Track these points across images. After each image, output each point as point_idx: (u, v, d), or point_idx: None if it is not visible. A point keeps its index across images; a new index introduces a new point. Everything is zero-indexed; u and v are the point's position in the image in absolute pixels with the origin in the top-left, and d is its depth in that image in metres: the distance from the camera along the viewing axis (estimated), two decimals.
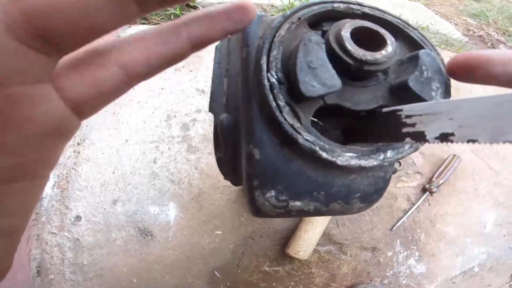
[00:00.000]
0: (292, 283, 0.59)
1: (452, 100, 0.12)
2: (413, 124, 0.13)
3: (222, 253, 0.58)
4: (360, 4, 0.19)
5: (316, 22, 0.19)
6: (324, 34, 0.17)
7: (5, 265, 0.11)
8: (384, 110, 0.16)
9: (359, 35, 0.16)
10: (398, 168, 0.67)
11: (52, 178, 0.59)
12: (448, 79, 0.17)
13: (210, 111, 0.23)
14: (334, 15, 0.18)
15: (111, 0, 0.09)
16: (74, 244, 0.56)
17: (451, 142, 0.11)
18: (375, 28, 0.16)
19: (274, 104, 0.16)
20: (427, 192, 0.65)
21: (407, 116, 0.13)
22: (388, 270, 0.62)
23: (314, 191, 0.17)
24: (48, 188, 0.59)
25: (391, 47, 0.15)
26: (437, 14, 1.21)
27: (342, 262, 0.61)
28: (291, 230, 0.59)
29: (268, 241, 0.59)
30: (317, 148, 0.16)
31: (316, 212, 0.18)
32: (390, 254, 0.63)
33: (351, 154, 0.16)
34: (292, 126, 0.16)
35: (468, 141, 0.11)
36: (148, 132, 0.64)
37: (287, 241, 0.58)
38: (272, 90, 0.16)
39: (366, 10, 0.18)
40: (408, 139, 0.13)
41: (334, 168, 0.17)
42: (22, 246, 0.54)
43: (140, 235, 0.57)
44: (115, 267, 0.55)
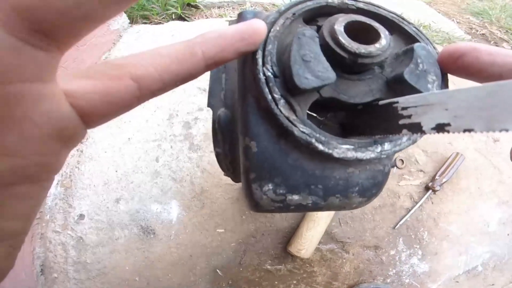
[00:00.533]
0: (294, 282, 0.59)
1: (446, 91, 0.12)
2: (409, 116, 0.13)
3: (224, 251, 0.58)
4: None
5: (310, 18, 0.19)
6: (319, 29, 0.17)
7: (6, 266, 0.11)
8: (381, 102, 0.16)
9: (353, 29, 0.16)
10: (401, 166, 0.67)
11: (55, 177, 0.60)
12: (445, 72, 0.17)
13: (208, 106, 0.23)
14: (329, 11, 0.18)
15: None
16: (78, 243, 0.56)
17: (448, 132, 0.11)
18: (368, 22, 0.16)
19: (269, 97, 0.16)
20: (430, 191, 0.65)
21: (403, 108, 0.13)
22: (390, 269, 0.62)
23: (311, 185, 0.17)
24: (52, 186, 0.60)
25: (385, 40, 0.15)
26: (439, 13, 1.20)
27: (344, 260, 0.61)
28: (293, 229, 0.59)
29: (270, 239, 0.59)
30: (313, 140, 0.16)
31: (314, 206, 0.18)
32: (393, 252, 0.62)
33: (347, 146, 0.16)
34: (287, 118, 0.16)
35: (464, 130, 0.11)
36: (150, 130, 0.64)
37: (289, 239, 0.58)
38: (267, 83, 0.16)
39: (361, 5, 0.19)
40: (405, 130, 0.13)
41: (331, 161, 0.17)
42: (26, 245, 0.55)
43: (142, 233, 0.57)
44: (117, 266, 0.56)
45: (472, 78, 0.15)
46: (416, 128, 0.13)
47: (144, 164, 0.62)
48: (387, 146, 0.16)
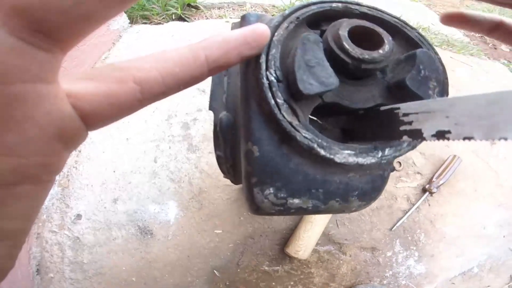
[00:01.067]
0: (292, 283, 0.59)
1: (447, 98, 0.12)
2: (410, 122, 0.13)
3: (222, 252, 0.58)
4: (358, 3, 0.19)
5: (314, 22, 0.19)
6: (323, 34, 0.17)
7: (7, 266, 0.11)
8: (382, 108, 0.16)
9: (357, 35, 0.16)
10: (399, 168, 0.67)
11: None
12: (446, 78, 0.17)
13: (210, 109, 0.23)
14: (333, 15, 0.18)
15: None
16: (74, 243, 0.56)
17: (448, 139, 0.11)
18: (372, 27, 0.16)
19: (272, 102, 0.16)
20: (427, 193, 0.65)
21: (404, 114, 0.14)
22: (387, 271, 0.62)
23: (312, 189, 0.17)
24: None
25: (388, 46, 0.16)
26: (438, 15, 1.21)
27: (341, 262, 0.61)
28: (291, 230, 0.59)
29: (268, 240, 0.59)
30: (315, 145, 0.16)
31: (315, 209, 0.18)
32: (389, 254, 0.63)
33: (349, 152, 0.16)
34: (290, 123, 0.16)
35: (464, 138, 0.11)
36: (149, 131, 0.64)
37: (286, 240, 0.58)
38: (270, 88, 0.16)
39: (364, 10, 0.19)
40: (405, 137, 0.13)
41: (332, 165, 0.17)
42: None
43: (140, 233, 0.57)
44: (115, 266, 0.55)
45: (466, 28, 0.18)
46: (416, 135, 0.13)
47: (142, 164, 0.61)
48: (387, 152, 0.16)
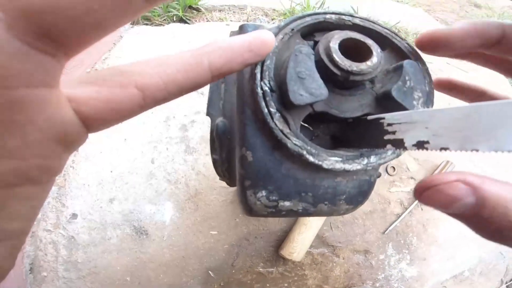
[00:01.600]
0: (286, 285, 0.60)
1: (428, 110, 0.12)
2: (393, 132, 0.14)
3: (217, 253, 0.58)
4: (351, 15, 0.19)
5: (308, 33, 0.20)
6: (316, 44, 0.18)
7: (7, 266, 0.11)
8: (369, 117, 0.16)
9: (347, 46, 0.17)
10: (393, 173, 0.69)
11: None
12: (431, 88, 0.18)
13: (207, 115, 0.24)
14: (326, 26, 0.19)
15: None
16: (69, 242, 0.56)
17: (426, 149, 0.12)
18: (362, 39, 0.17)
19: (266, 111, 0.17)
20: None
21: (389, 124, 0.14)
22: (380, 273, 0.63)
23: (302, 192, 0.18)
24: None
25: (377, 58, 0.16)
26: (437, 20, 1.22)
27: (334, 264, 0.62)
28: (285, 232, 0.60)
29: (263, 242, 0.60)
30: (304, 152, 0.16)
31: (304, 212, 0.19)
32: (382, 257, 0.64)
33: (336, 159, 0.17)
34: (282, 131, 0.16)
35: (441, 149, 0.11)
36: (147, 132, 0.65)
37: (281, 242, 0.59)
38: (264, 97, 0.17)
39: (357, 21, 0.19)
40: (389, 145, 0.14)
41: (321, 171, 0.18)
42: None
43: (135, 233, 0.57)
44: (109, 265, 0.56)
45: (441, 54, 0.17)
46: (399, 144, 0.14)
47: (139, 165, 0.62)
48: (372, 159, 0.17)
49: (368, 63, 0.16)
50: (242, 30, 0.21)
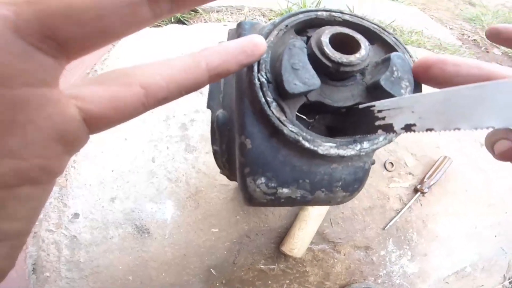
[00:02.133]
0: (287, 281, 0.60)
1: (413, 95, 0.14)
2: (383, 118, 0.15)
3: (218, 251, 0.59)
4: (341, 12, 0.21)
5: (301, 29, 0.21)
6: (309, 39, 0.19)
7: (7, 266, 0.11)
8: (361, 106, 0.18)
9: (337, 40, 0.18)
10: (391, 169, 0.69)
11: None
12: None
13: (208, 107, 0.24)
14: (318, 22, 0.20)
15: (124, 3, 0.09)
16: (71, 242, 0.57)
17: (414, 131, 0.13)
18: (351, 33, 0.18)
19: (263, 100, 0.18)
20: (419, 193, 0.67)
21: (379, 111, 0.15)
22: (381, 269, 0.63)
23: (299, 179, 0.19)
24: None
25: (365, 50, 0.17)
26: (432, 19, 1.23)
27: (336, 260, 0.62)
28: (286, 229, 0.61)
29: (264, 239, 0.60)
30: (300, 138, 0.17)
31: (303, 199, 0.20)
32: (383, 253, 0.64)
33: (330, 144, 0.18)
34: (278, 119, 0.17)
35: (427, 130, 0.12)
36: (147, 131, 0.65)
37: (282, 239, 0.59)
38: (261, 88, 0.18)
39: (347, 17, 0.21)
40: (380, 131, 0.15)
41: (316, 157, 0.18)
42: None
43: (137, 232, 0.58)
44: (111, 265, 0.56)
45: (442, 88, 0.17)
46: (389, 128, 0.14)
47: (140, 164, 0.62)
48: (365, 145, 0.18)
49: (357, 55, 0.17)
50: (240, 27, 0.22)
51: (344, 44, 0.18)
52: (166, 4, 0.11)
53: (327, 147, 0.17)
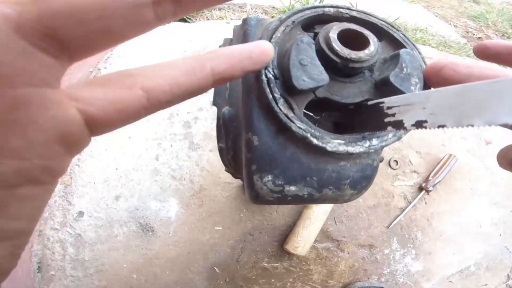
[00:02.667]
0: (291, 280, 0.60)
1: (424, 92, 0.13)
2: (393, 114, 0.15)
3: (222, 249, 0.59)
4: (348, 8, 0.20)
5: (308, 25, 0.20)
6: (316, 36, 0.19)
7: (9, 266, 0.11)
8: (369, 102, 0.17)
9: (346, 37, 0.18)
10: (396, 167, 0.69)
11: None
12: None
13: (213, 104, 0.24)
14: (325, 19, 0.20)
15: (128, 4, 0.09)
16: (76, 240, 0.57)
17: (425, 128, 0.13)
18: (359, 30, 0.18)
19: (270, 96, 0.17)
20: (424, 191, 0.66)
21: (388, 108, 0.15)
22: (385, 268, 0.63)
23: (307, 176, 0.19)
24: None
25: (374, 46, 0.17)
26: (436, 16, 1.22)
27: (339, 259, 0.62)
28: (290, 227, 0.60)
29: (267, 237, 0.60)
30: (308, 135, 0.17)
31: (310, 197, 0.19)
32: (387, 252, 0.64)
33: (339, 141, 0.17)
34: (286, 115, 0.17)
35: (439, 126, 0.12)
36: (151, 129, 0.65)
37: (285, 237, 0.59)
38: (269, 84, 0.17)
39: (354, 14, 0.20)
40: (389, 127, 0.15)
41: (325, 155, 0.18)
42: None
43: (141, 230, 0.58)
44: (115, 263, 0.56)
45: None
46: (399, 125, 0.14)
47: (144, 162, 0.62)
48: (374, 142, 0.18)
49: (366, 51, 0.17)
50: (246, 23, 0.22)
51: (352, 40, 0.18)
52: (169, 6, 0.11)
53: (335, 144, 0.17)
